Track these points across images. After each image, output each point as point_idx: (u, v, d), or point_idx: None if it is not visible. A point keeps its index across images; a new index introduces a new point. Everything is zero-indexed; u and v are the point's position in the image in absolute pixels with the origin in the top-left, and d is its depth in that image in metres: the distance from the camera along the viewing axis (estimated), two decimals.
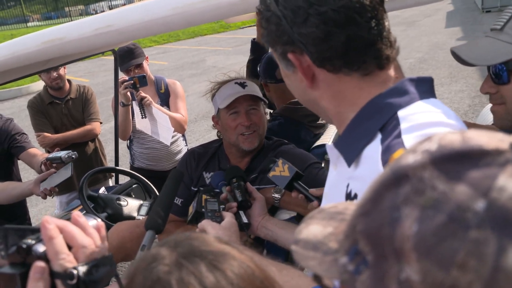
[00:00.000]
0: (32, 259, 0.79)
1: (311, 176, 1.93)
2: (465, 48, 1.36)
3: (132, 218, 2.53)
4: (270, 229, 1.72)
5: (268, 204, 1.94)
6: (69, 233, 0.82)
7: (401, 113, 0.96)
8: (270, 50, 1.20)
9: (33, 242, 0.81)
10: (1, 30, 29.53)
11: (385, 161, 0.90)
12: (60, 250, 0.79)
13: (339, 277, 0.56)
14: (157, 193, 2.85)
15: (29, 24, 34.70)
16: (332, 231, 0.61)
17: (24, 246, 0.80)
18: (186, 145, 3.95)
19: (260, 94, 2.20)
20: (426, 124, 0.92)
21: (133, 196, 3.00)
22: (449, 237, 0.43)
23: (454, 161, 0.47)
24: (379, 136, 0.97)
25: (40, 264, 0.78)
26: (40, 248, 0.80)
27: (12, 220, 3.29)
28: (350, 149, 1.03)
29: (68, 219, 0.86)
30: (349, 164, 1.02)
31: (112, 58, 3.53)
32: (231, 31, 21.71)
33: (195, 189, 2.26)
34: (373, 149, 0.96)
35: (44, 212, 5.64)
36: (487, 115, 2.75)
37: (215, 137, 2.47)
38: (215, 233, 1.48)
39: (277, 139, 2.35)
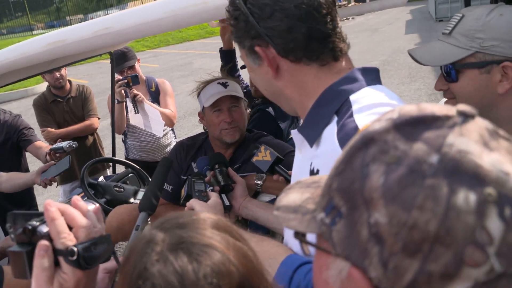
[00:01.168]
0: (37, 239, 0.80)
1: (288, 163, 1.93)
2: (420, 50, 1.41)
3: (128, 203, 2.51)
4: (251, 210, 1.73)
5: (251, 190, 1.95)
6: (69, 215, 0.82)
7: (352, 97, 1.01)
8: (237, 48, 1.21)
9: (38, 223, 0.82)
10: (9, 38, 29.12)
11: (340, 138, 0.95)
12: (61, 230, 0.80)
13: (317, 230, 0.58)
14: (150, 179, 2.83)
15: (34, 32, 34.18)
16: (309, 196, 0.65)
17: (30, 227, 0.81)
18: (176, 138, 3.95)
19: (241, 93, 2.21)
20: (373, 105, 0.97)
21: (129, 183, 3.00)
22: (410, 185, 0.47)
23: (411, 125, 0.51)
24: (335, 118, 1.01)
25: (44, 242, 0.79)
26: (44, 228, 0.81)
27: (21, 206, 3.30)
28: (312, 132, 1.06)
29: (68, 201, 0.86)
30: (311, 145, 1.06)
31: (108, 61, 3.52)
32: (216, 37, 21.48)
33: (184, 177, 2.26)
34: (331, 130, 1.00)
35: (49, 198, 5.56)
36: None
37: (202, 131, 2.47)
38: (201, 210, 1.49)
39: (257, 132, 2.36)
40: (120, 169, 3.54)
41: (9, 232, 0.84)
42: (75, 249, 0.78)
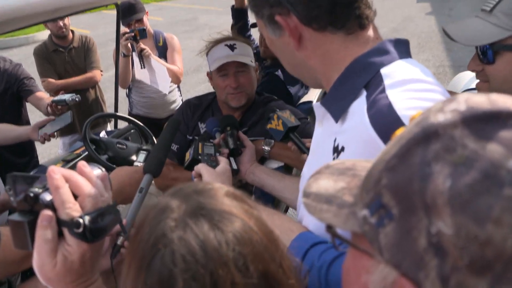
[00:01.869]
0: (39, 207, 0.74)
1: (299, 130, 1.88)
2: (456, 27, 1.33)
3: (131, 160, 2.45)
4: (258, 175, 1.68)
5: (258, 155, 1.89)
6: (75, 183, 0.76)
7: (383, 71, 0.93)
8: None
9: (40, 190, 0.75)
10: None
11: (371, 115, 0.87)
12: (66, 200, 0.74)
13: (358, 228, 0.52)
14: (154, 138, 2.78)
15: None
16: (344, 185, 0.58)
17: (31, 194, 0.74)
18: (181, 96, 3.89)
19: (249, 56, 2.12)
20: (407, 81, 0.90)
21: (130, 140, 2.94)
22: (484, 193, 0.40)
23: (483, 121, 0.44)
24: (364, 93, 0.94)
25: (47, 212, 0.73)
26: (47, 196, 0.75)
27: (22, 157, 3.27)
28: (337, 106, 0.99)
29: (73, 165, 0.79)
30: (336, 120, 0.99)
31: (112, 12, 3.39)
32: None
33: (190, 137, 2.22)
34: (359, 105, 0.93)
35: (48, 150, 5.54)
36: (457, 84, 2.70)
37: (205, 89, 2.43)
38: (210, 177, 1.44)
39: (267, 95, 2.29)
40: (121, 124, 3.47)
41: (9, 195, 0.78)
42: (81, 220, 0.73)
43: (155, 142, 2.72)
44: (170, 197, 0.72)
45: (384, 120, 0.84)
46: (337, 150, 0.97)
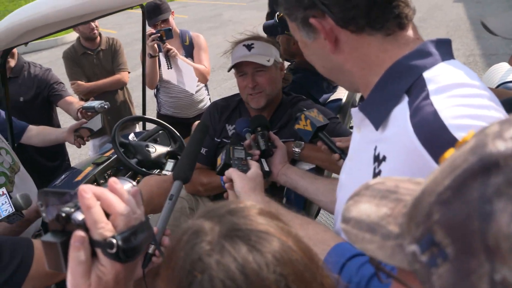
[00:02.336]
0: (71, 227, 0.72)
1: (329, 130, 1.83)
2: (496, 20, 1.25)
3: (160, 164, 2.46)
4: (290, 177, 1.63)
5: (288, 158, 1.86)
6: (106, 201, 0.74)
7: (426, 75, 0.87)
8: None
9: (72, 210, 0.73)
10: None
11: (415, 123, 0.82)
12: (98, 219, 0.71)
13: (407, 266, 0.47)
14: (182, 140, 2.77)
15: None
16: (388, 212, 0.52)
17: (63, 214, 0.72)
18: (208, 95, 3.87)
19: (266, 55, 2.05)
20: (453, 85, 0.84)
21: (159, 141, 2.95)
22: None
23: None
24: (405, 98, 0.88)
25: (80, 233, 0.70)
26: (79, 216, 0.72)
27: (54, 161, 3.33)
28: (377, 112, 0.94)
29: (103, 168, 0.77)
30: (376, 127, 0.94)
31: (137, 11, 3.41)
32: None
33: (218, 140, 2.19)
34: (401, 111, 0.87)
35: (79, 151, 5.61)
36: (492, 77, 2.60)
37: (231, 85, 2.40)
38: (241, 183, 1.40)
39: (296, 95, 2.24)
40: (150, 125, 3.48)
41: (40, 211, 0.76)
42: (114, 240, 0.70)
43: (184, 143, 2.72)
44: (202, 219, 0.69)
45: (429, 129, 0.79)
46: (378, 159, 0.92)
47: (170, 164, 2.39)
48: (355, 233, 0.54)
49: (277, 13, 2.73)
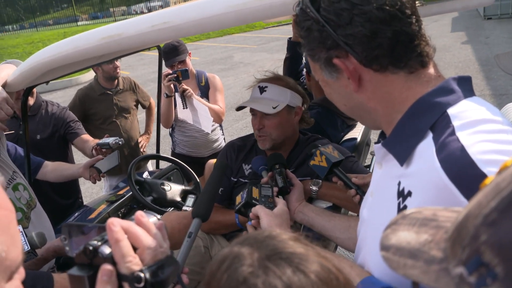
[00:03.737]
0: (98, 261, 0.72)
1: (346, 168, 1.83)
2: (506, 57, 1.27)
3: (175, 202, 2.45)
4: (307, 214, 1.64)
5: (305, 196, 1.85)
6: (134, 234, 0.74)
7: (451, 111, 0.89)
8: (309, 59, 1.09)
9: (99, 243, 0.73)
10: (55, 29, 30.03)
11: (442, 159, 0.83)
12: (126, 253, 0.71)
13: (454, 287, 0.47)
14: (197, 179, 2.77)
15: (79, 23, 35.20)
16: (429, 238, 0.53)
17: (91, 248, 0.72)
18: (223, 135, 3.89)
19: (276, 101, 2.05)
20: (478, 121, 0.86)
21: (172, 179, 2.95)
22: None
23: None
24: (430, 134, 0.90)
25: (108, 267, 0.70)
26: (106, 250, 0.72)
27: (67, 198, 3.32)
28: (401, 148, 0.95)
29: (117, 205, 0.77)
30: (401, 163, 0.94)
31: (149, 53, 3.48)
32: (256, 31, 21.57)
33: (235, 179, 2.19)
34: (426, 147, 0.89)
35: (90, 190, 5.63)
36: (506, 115, 2.59)
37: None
38: (268, 219, 1.41)
39: (312, 135, 2.25)
40: (163, 163, 3.49)
41: (64, 245, 0.76)
42: (142, 275, 0.70)
43: (198, 181, 2.72)
44: (239, 246, 0.70)
45: (458, 165, 0.80)
46: (402, 194, 0.92)
47: (190, 200, 2.38)
48: (396, 260, 0.55)
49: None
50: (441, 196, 0.81)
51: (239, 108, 2.14)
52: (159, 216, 0.86)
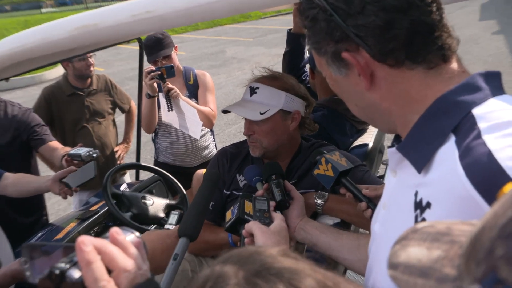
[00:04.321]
0: (66, 286, 0.72)
1: (356, 179, 1.85)
2: None
3: (158, 218, 2.46)
4: (310, 232, 1.63)
5: (309, 210, 1.86)
6: (108, 255, 0.75)
7: (476, 111, 0.89)
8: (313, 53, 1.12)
9: (67, 266, 0.73)
10: (14, 16, 29.65)
11: (466, 165, 0.83)
12: (99, 277, 0.72)
13: None
14: (184, 192, 2.78)
15: (43, 10, 34.98)
16: (442, 254, 0.55)
17: (57, 271, 0.72)
18: (214, 141, 3.89)
19: (266, 105, 2.05)
20: (507, 123, 0.85)
21: (155, 193, 2.94)
22: None
23: None
24: (452, 138, 0.90)
25: None
26: (76, 273, 0.73)
27: (28, 216, 3.23)
28: (418, 153, 0.96)
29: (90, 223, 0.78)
30: (419, 170, 0.95)
31: (128, 47, 3.48)
32: (251, 21, 21.63)
33: (228, 192, 2.19)
34: (448, 152, 0.89)
35: (57, 206, 5.62)
36: None
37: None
38: (263, 237, 1.40)
39: (316, 141, 2.26)
40: (145, 174, 3.49)
41: (24, 269, 0.77)
42: None
43: (185, 195, 2.73)
44: (221, 265, 0.70)
45: (484, 172, 0.80)
46: (420, 206, 0.93)
47: (174, 217, 2.38)
48: (405, 280, 0.56)
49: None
50: (464, 207, 0.82)
51: (225, 111, 2.13)
52: (137, 234, 0.87)
